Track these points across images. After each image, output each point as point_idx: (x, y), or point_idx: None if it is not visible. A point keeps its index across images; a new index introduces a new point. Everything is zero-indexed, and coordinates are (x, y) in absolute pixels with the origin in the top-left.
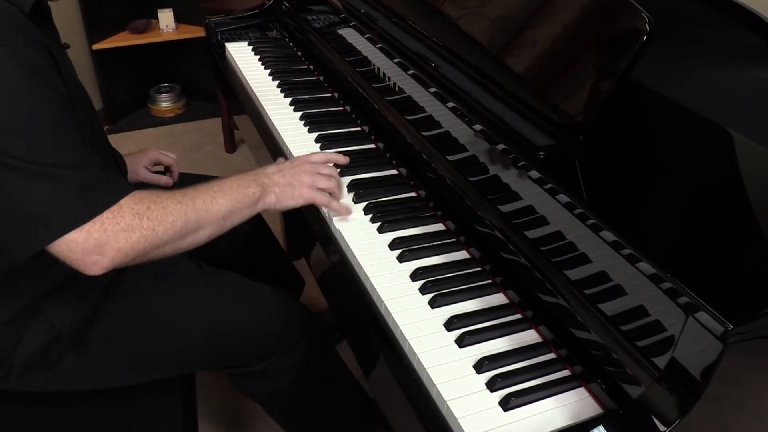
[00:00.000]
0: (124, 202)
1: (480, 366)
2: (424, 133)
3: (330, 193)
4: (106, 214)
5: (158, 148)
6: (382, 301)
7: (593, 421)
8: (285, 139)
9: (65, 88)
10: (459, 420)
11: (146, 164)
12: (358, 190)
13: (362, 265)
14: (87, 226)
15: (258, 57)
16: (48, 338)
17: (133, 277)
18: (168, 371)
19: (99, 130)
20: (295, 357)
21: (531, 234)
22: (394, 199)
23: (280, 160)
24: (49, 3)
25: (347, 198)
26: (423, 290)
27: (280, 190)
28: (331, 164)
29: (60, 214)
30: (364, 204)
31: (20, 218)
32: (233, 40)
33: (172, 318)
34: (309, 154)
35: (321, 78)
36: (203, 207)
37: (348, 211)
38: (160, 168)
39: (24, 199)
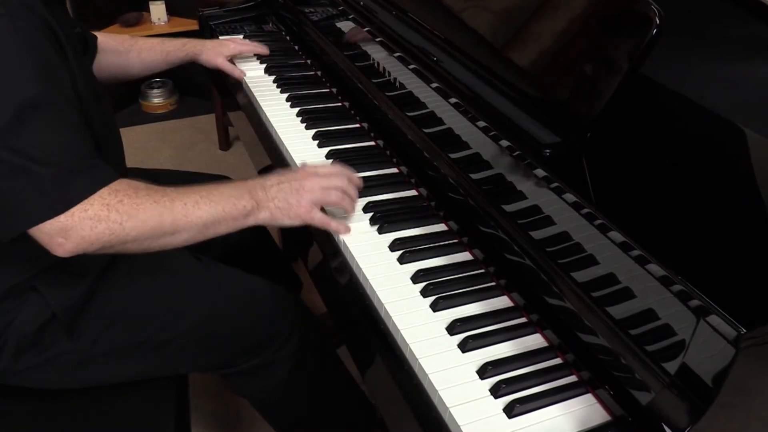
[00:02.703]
0: (98, 191)
1: (484, 371)
2: (426, 130)
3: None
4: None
5: (244, 43)
6: (382, 304)
7: (601, 429)
8: (281, 137)
9: (67, 72)
10: (462, 427)
11: (227, 55)
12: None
13: (361, 266)
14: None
15: None
16: (43, 319)
17: (128, 262)
18: (161, 366)
19: (108, 116)
20: (288, 351)
21: (536, 235)
22: (395, 199)
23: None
24: None
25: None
26: (424, 293)
27: (275, 206)
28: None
29: (34, 205)
30: (364, 203)
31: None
32: (228, 33)
33: (166, 306)
34: (317, 166)
35: (319, 73)
36: (182, 211)
37: (347, 230)
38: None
39: (3, 188)
